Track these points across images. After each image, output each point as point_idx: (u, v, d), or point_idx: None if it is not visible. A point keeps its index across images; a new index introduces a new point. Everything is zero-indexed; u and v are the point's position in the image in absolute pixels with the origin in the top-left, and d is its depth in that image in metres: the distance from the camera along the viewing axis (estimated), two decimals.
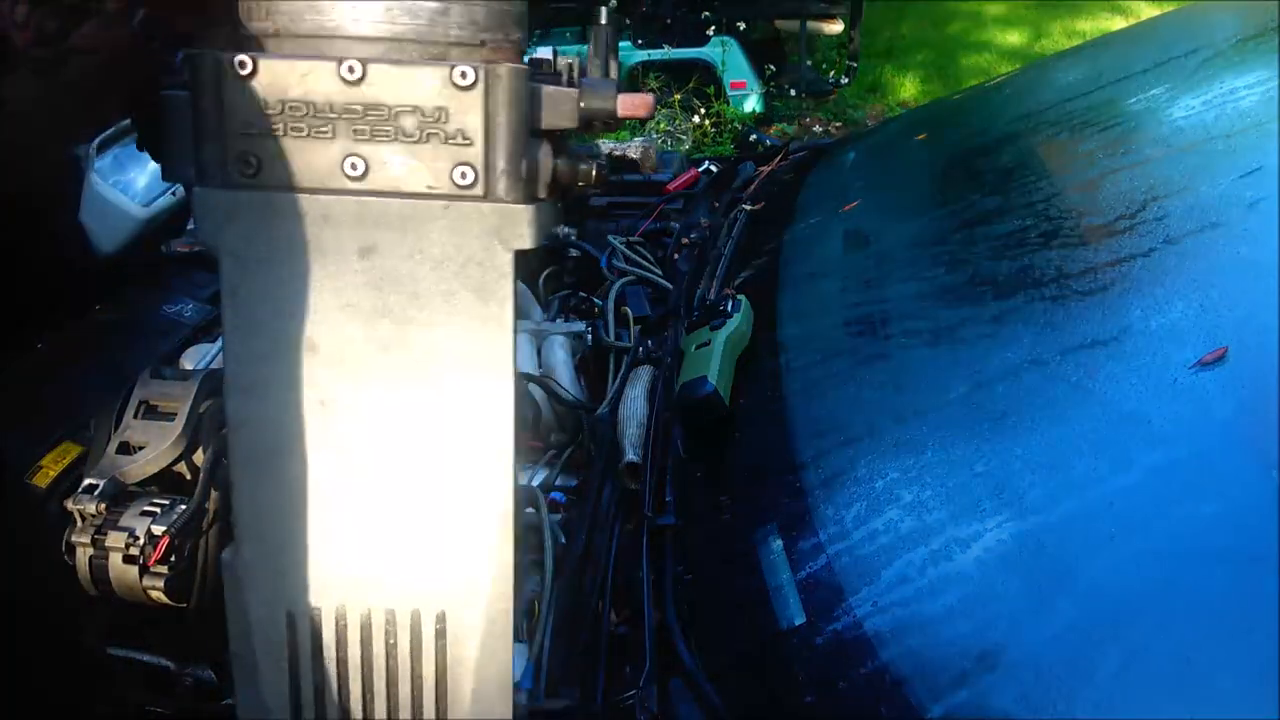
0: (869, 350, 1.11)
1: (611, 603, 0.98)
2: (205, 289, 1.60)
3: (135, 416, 1.12)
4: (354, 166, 0.58)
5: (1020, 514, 0.76)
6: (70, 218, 1.26)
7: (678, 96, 6.53)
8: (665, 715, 0.82)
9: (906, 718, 0.68)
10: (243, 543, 0.64)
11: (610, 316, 1.56)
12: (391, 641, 0.64)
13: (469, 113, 0.57)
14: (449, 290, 0.60)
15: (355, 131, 0.57)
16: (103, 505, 1.03)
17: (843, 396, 1.05)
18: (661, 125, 6.67)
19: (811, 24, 6.79)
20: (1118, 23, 8.64)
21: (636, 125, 6.65)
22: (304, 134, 0.57)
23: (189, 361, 1.36)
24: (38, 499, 1.08)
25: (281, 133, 0.57)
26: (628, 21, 6.73)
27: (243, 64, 0.56)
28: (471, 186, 0.58)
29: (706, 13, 6.68)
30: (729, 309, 1.28)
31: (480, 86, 0.56)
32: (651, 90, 6.53)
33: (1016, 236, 1.13)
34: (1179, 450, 0.74)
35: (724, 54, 6.59)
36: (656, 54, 6.62)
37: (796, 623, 0.80)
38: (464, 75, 0.56)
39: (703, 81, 6.55)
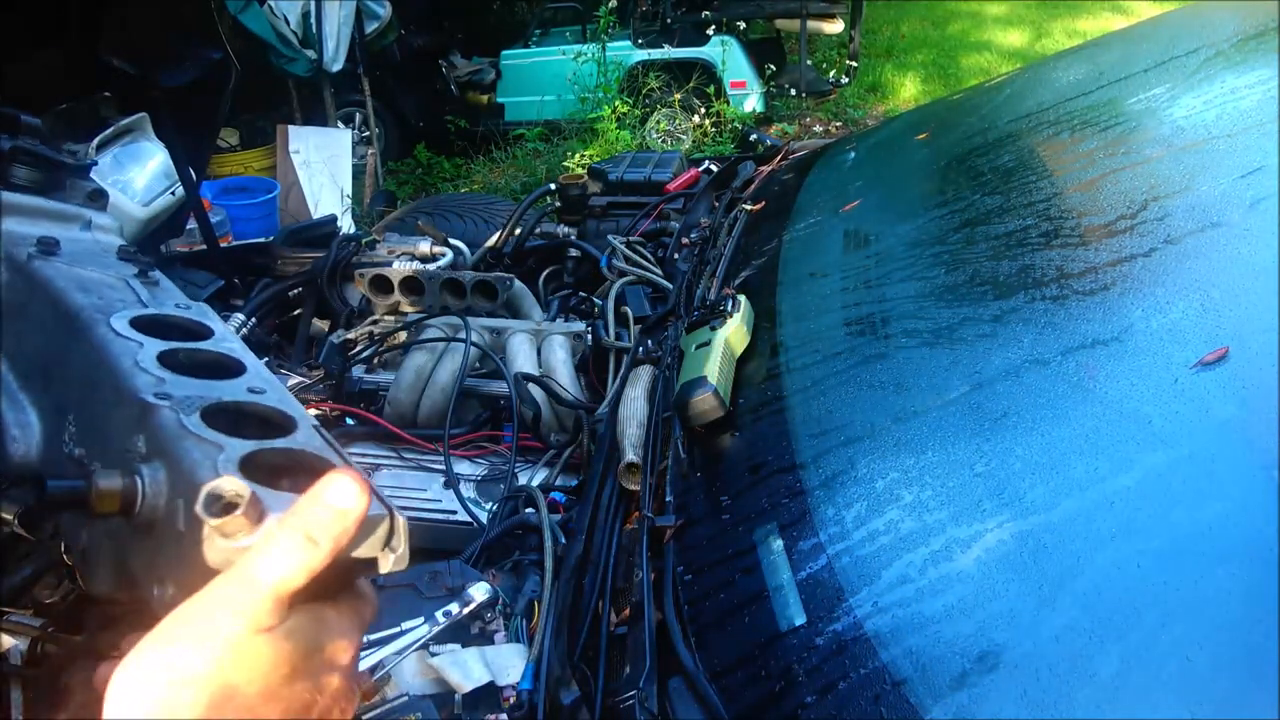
0: (869, 350, 1.11)
1: (611, 603, 0.98)
2: (205, 289, 1.60)
3: None
4: None
5: (1020, 514, 0.76)
6: None
7: (678, 96, 6.53)
8: (665, 715, 0.81)
9: (906, 718, 0.68)
10: None
11: (610, 316, 1.56)
12: None
13: None
14: None
15: None
16: None
17: (843, 396, 1.05)
18: (661, 125, 6.67)
19: (811, 24, 6.78)
20: (1118, 22, 8.65)
21: (637, 125, 6.64)
22: None
23: None
24: None
25: None
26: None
27: None
28: None
29: (706, 13, 6.68)
30: (729, 309, 1.27)
31: None
32: (651, 90, 6.53)
33: (1016, 236, 1.13)
34: (1179, 450, 0.73)
35: (724, 54, 6.58)
36: (656, 54, 6.61)
37: (796, 623, 0.80)
38: None
39: (703, 81, 6.55)
